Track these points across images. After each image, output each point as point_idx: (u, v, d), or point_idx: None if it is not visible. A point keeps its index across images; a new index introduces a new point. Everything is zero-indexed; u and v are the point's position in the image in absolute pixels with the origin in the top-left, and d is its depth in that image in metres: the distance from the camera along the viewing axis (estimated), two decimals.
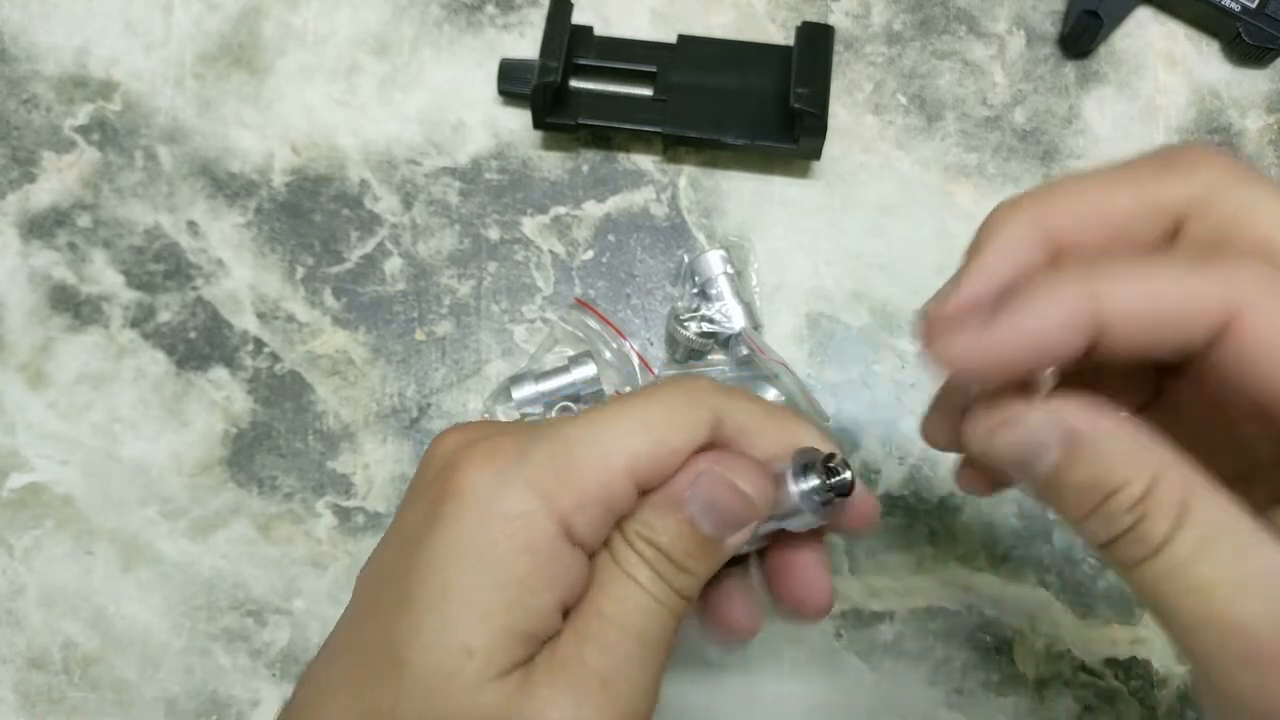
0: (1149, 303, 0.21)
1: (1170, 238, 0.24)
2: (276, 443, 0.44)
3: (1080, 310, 0.21)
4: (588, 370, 0.43)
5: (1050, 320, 0.22)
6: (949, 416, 0.27)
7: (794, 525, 0.26)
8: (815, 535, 0.28)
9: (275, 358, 0.45)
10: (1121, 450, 0.22)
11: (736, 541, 0.25)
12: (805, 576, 0.28)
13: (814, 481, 0.25)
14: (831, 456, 0.26)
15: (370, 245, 0.46)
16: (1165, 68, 0.49)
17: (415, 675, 0.23)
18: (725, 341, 0.44)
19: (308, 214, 0.47)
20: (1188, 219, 0.23)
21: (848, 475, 0.25)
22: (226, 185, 0.47)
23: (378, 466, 0.44)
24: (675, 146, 0.47)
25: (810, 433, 0.27)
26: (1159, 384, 0.27)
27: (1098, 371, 0.24)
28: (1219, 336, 0.21)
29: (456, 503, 0.24)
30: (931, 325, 0.24)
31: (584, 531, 0.24)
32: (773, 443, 0.26)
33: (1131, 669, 0.42)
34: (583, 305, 0.45)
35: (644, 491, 0.25)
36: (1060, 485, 0.22)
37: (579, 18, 0.47)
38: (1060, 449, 0.22)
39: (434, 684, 0.22)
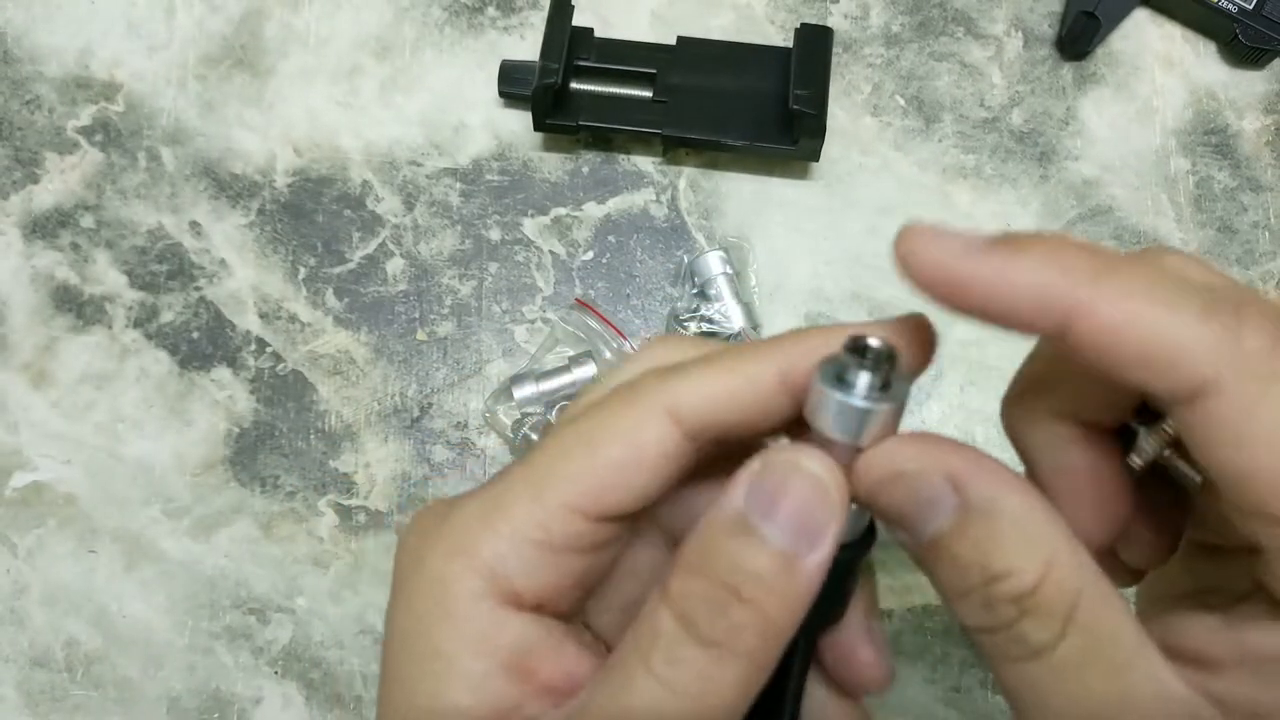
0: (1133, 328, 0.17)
1: None
2: (279, 442, 0.44)
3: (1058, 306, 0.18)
4: (588, 370, 0.43)
5: (1034, 286, 0.18)
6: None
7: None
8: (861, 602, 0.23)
9: (277, 358, 0.45)
10: (1017, 531, 0.18)
11: (817, 561, 0.19)
12: (856, 652, 0.23)
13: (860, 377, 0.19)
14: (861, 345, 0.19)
15: (372, 246, 0.47)
16: (1162, 69, 0.49)
17: None
18: (725, 341, 0.45)
19: (310, 215, 0.47)
20: None
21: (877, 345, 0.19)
22: (229, 186, 0.47)
23: (379, 466, 0.44)
24: (675, 148, 0.48)
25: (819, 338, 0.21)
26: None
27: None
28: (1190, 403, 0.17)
29: (394, 583, 0.22)
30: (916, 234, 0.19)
31: (524, 582, 0.20)
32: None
33: None
34: (583, 305, 0.45)
35: (612, 518, 0.20)
36: (939, 555, 0.19)
37: (579, 20, 0.47)
38: (951, 515, 0.19)
39: None
